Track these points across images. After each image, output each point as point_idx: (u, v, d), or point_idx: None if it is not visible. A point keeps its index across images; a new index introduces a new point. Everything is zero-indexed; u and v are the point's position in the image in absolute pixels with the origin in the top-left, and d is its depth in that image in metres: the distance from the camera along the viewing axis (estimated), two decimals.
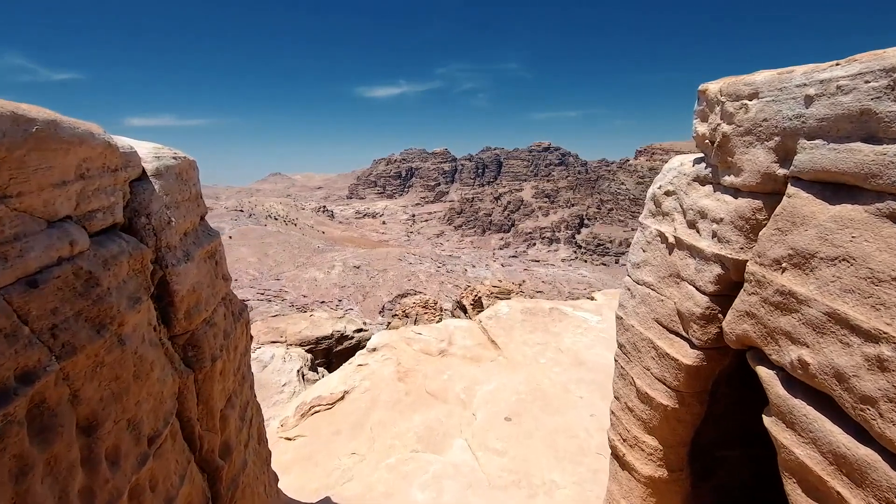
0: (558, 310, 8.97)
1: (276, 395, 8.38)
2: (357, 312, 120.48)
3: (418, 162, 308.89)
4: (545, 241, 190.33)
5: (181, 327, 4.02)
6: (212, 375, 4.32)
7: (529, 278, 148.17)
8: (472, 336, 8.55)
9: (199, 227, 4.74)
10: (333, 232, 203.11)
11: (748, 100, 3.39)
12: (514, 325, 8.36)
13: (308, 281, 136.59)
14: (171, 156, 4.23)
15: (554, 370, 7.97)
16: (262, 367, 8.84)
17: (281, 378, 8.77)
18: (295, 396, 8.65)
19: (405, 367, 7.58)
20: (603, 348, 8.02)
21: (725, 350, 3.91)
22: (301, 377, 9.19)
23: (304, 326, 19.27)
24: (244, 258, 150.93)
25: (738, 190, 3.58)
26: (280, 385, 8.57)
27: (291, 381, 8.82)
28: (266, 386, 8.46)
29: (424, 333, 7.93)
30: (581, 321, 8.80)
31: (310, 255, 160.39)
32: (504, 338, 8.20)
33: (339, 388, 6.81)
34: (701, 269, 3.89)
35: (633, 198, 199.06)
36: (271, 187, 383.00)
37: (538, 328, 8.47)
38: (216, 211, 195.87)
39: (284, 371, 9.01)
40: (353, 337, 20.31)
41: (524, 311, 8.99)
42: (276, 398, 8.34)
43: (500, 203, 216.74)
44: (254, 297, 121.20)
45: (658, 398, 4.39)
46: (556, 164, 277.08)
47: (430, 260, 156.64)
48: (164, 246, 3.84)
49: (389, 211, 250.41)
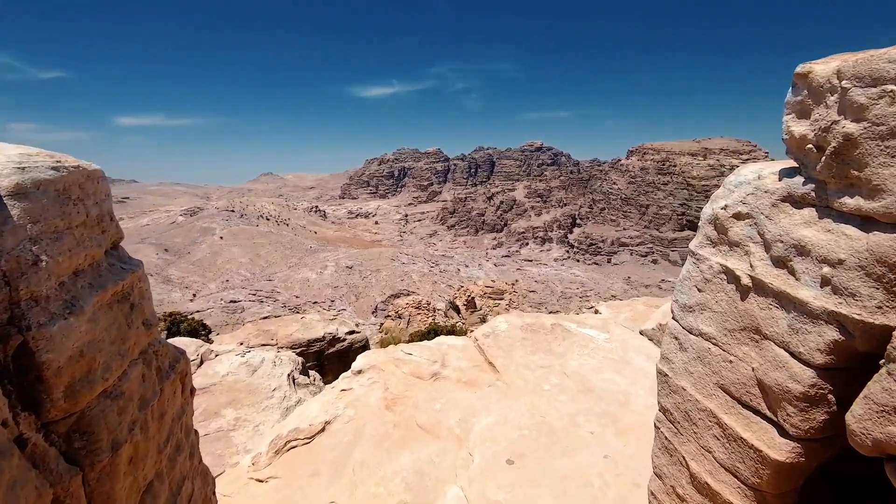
0: (561, 326, 7.90)
1: (266, 401, 7.40)
2: (350, 313, 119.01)
3: (411, 162, 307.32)
4: (538, 241, 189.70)
5: (59, 410, 2.81)
6: (113, 470, 3.10)
7: (522, 278, 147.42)
8: (468, 356, 7.41)
9: (102, 261, 3.50)
10: (326, 232, 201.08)
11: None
12: (513, 344, 7.38)
13: (300, 281, 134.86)
14: (50, 165, 2.99)
15: (559, 399, 6.97)
16: (252, 372, 7.89)
17: (271, 382, 7.82)
18: (285, 401, 7.70)
19: (393, 393, 6.51)
20: (612, 372, 7.08)
21: (833, 439, 2.76)
22: (292, 381, 8.28)
23: (295, 329, 18.34)
24: (235, 259, 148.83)
25: (870, 220, 2.41)
26: (270, 390, 7.61)
27: (282, 385, 7.88)
28: (256, 391, 7.47)
29: (415, 354, 6.94)
30: (587, 340, 7.66)
31: (302, 256, 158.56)
32: (503, 359, 7.13)
33: (320, 417, 5.90)
34: (801, 328, 2.72)
35: (624, 197, 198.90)
36: (263, 187, 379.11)
37: (540, 348, 7.36)
38: (207, 211, 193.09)
39: (275, 375, 8.06)
40: (345, 339, 19.35)
41: (524, 328, 7.80)
42: (266, 403, 7.38)
43: (493, 203, 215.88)
44: (245, 297, 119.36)
45: (725, 494, 3.22)
46: (549, 163, 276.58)
47: (422, 260, 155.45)
48: (26, 298, 2.62)
49: (382, 211, 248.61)
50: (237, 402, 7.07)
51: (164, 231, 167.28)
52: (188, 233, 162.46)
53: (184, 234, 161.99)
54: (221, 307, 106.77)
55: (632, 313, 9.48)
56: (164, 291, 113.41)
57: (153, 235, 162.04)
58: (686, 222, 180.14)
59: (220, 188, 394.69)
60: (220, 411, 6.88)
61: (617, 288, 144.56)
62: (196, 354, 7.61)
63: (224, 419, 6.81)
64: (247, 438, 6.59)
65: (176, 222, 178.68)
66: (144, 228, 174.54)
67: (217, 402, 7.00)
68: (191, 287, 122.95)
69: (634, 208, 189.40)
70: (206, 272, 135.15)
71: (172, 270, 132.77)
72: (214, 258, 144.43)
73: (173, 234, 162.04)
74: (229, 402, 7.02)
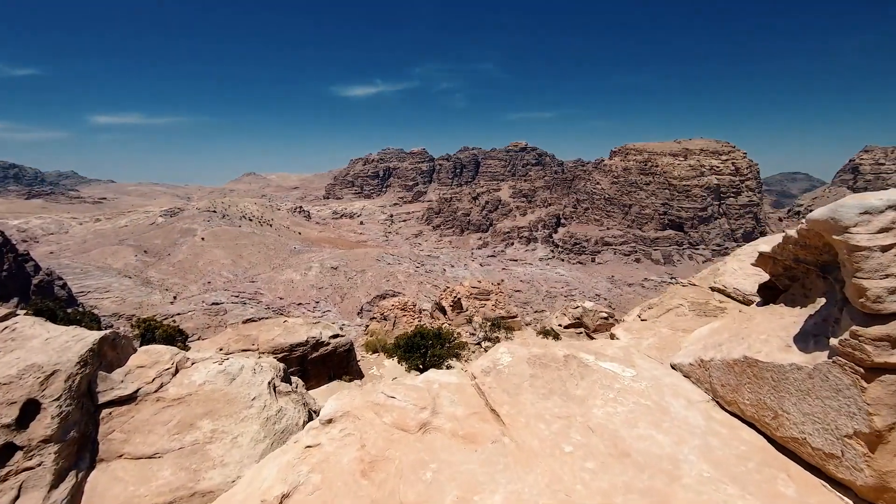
0: (576, 359, 6.45)
1: (245, 411, 7.08)
2: (335, 314, 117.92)
3: (396, 162, 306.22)
4: (523, 241, 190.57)
5: None
6: None
7: (508, 277, 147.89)
8: (464, 399, 6.00)
9: None
10: (310, 233, 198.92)
11: None
12: (520, 385, 5.99)
13: (284, 282, 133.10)
14: None
15: (586, 467, 5.17)
16: (231, 380, 7.52)
17: (251, 391, 7.45)
18: (266, 410, 7.35)
19: (371, 451, 5.22)
20: (649, 426, 5.42)
21: None
22: (272, 389, 7.93)
23: (277, 333, 17.88)
24: (217, 260, 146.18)
25: None
26: (250, 399, 7.27)
27: (262, 394, 7.52)
28: (234, 400, 7.12)
29: (399, 397, 5.78)
30: (610, 377, 6.14)
31: (286, 257, 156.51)
32: (509, 406, 5.71)
33: (276, 488, 4.54)
34: None
35: (608, 197, 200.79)
36: (246, 187, 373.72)
37: (554, 389, 5.96)
38: (188, 212, 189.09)
39: (254, 384, 7.68)
40: (328, 343, 18.98)
41: (532, 362, 6.36)
42: (245, 413, 7.06)
43: (478, 203, 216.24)
44: (228, 299, 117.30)
45: None
46: (533, 164, 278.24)
47: (408, 260, 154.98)
48: None
49: (367, 211, 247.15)
50: (214, 413, 6.78)
51: (143, 232, 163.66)
52: (168, 234, 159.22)
53: (164, 235, 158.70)
54: (203, 309, 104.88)
55: (656, 339, 8.07)
56: (144, 294, 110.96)
57: (132, 237, 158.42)
58: (668, 222, 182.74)
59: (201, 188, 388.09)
60: (195, 423, 6.59)
61: (601, 287, 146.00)
62: (171, 363, 7.28)
63: (200, 431, 6.52)
64: (224, 451, 6.32)
65: (156, 223, 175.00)
66: (123, 230, 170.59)
67: (193, 413, 6.71)
68: (171, 289, 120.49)
69: (618, 208, 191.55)
70: (188, 274, 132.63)
71: (152, 272, 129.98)
72: (196, 260, 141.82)
73: (153, 236, 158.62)
74: (206, 413, 6.73)
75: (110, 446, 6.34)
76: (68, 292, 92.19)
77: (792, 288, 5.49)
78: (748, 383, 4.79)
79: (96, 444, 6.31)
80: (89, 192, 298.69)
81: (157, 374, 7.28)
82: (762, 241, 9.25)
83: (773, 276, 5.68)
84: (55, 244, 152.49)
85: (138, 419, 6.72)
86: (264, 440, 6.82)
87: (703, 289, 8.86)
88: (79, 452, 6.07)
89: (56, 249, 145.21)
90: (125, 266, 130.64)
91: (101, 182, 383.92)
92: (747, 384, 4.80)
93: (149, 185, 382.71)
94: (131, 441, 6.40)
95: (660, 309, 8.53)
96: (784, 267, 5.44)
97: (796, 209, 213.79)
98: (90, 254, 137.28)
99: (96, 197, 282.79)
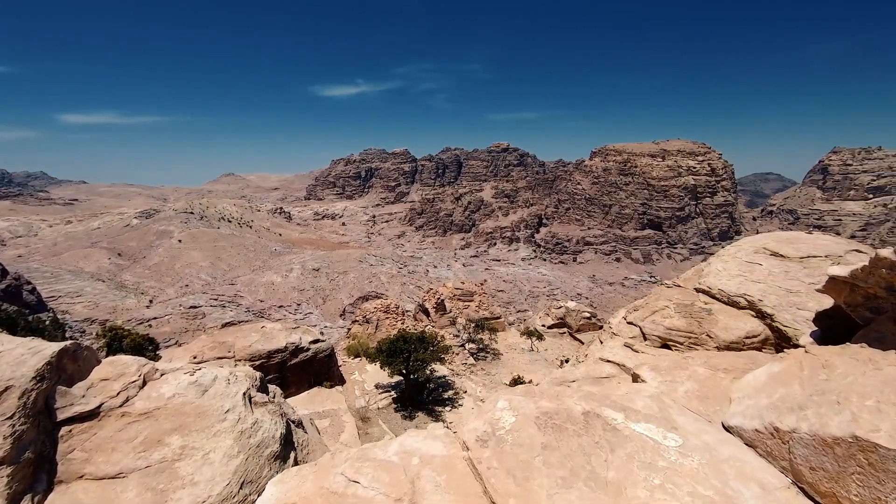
0: (600, 418, 4.89)
1: (218, 424, 6.63)
2: (317, 316, 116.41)
3: (378, 162, 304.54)
4: (505, 241, 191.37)
5: None
6: None
7: (491, 277, 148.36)
8: (455, 483, 4.36)
9: None
10: (291, 234, 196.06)
11: None
12: (530, 463, 4.24)
13: (265, 285, 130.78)
14: None
15: None
16: (203, 392, 7.05)
17: (224, 403, 6.99)
18: (240, 423, 6.93)
19: None
20: None
21: None
22: (248, 401, 7.49)
23: (254, 339, 17.32)
24: (195, 262, 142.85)
25: None
26: (223, 412, 6.81)
27: (236, 406, 7.08)
28: (206, 414, 6.66)
29: (364, 482, 4.23)
30: (649, 448, 4.50)
31: (266, 259, 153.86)
32: (517, 499, 4.05)
33: None
34: None
35: (588, 197, 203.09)
36: (224, 188, 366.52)
37: (577, 469, 4.18)
38: (164, 213, 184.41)
39: (228, 395, 7.22)
40: (308, 349, 18.52)
41: (542, 423, 4.61)
42: (218, 427, 6.60)
43: (461, 203, 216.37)
44: (206, 302, 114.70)
45: None
46: (515, 164, 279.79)
47: (391, 261, 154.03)
48: None
49: (349, 212, 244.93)
50: (184, 428, 6.39)
51: (117, 234, 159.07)
52: (144, 236, 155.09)
53: (139, 237, 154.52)
54: (181, 313, 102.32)
55: (694, 384, 6.36)
56: (118, 298, 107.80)
57: (105, 239, 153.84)
58: (647, 221, 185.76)
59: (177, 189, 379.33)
60: (163, 439, 6.21)
61: (582, 286, 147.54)
62: (138, 374, 6.87)
63: (168, 448, 6.14)
64: (194, 469, 5.94)
65: (130, 225, 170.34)
66: (95, 232, 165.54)
67: (161, 429, 6.32)
68: (147, 293, 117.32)
69: (598, 208, 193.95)
70: (164, 277, 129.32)
71: (126, 275, 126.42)
72: (172, 262, 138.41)
73: (127, 238, 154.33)
74: (175, 428, 6.35)
75: (70, 466, 5.93)
76: (38, 297, 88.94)
77: (877, 323, 4.38)
78: (858, 474, 3.46)
79: (55, 464, 5.90)
80: (60, 194, 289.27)
81: (122, 388, 6.86)
82: (747, 240, 9.32)
83: (847, 305, 4.65)
84: (24, 247, 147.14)
85: (101, 436, 6.30)
86: (238, 455, 6.47)
87: (688, 290, 8.83)
88: (35, 474, 5.65)
89: (25, 253, 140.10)
90: (98, 269, 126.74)
91: (72, 183, 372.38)
92: (856, 475, 3.47)
93: (123, 185, 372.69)
94: (93, 460, 5.99)
95: (646, 311, 8.47)
96: (866, 296, 4.40)
97: (769, 209, 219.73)
98: (61, 257, 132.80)
99: (67, 198, 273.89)
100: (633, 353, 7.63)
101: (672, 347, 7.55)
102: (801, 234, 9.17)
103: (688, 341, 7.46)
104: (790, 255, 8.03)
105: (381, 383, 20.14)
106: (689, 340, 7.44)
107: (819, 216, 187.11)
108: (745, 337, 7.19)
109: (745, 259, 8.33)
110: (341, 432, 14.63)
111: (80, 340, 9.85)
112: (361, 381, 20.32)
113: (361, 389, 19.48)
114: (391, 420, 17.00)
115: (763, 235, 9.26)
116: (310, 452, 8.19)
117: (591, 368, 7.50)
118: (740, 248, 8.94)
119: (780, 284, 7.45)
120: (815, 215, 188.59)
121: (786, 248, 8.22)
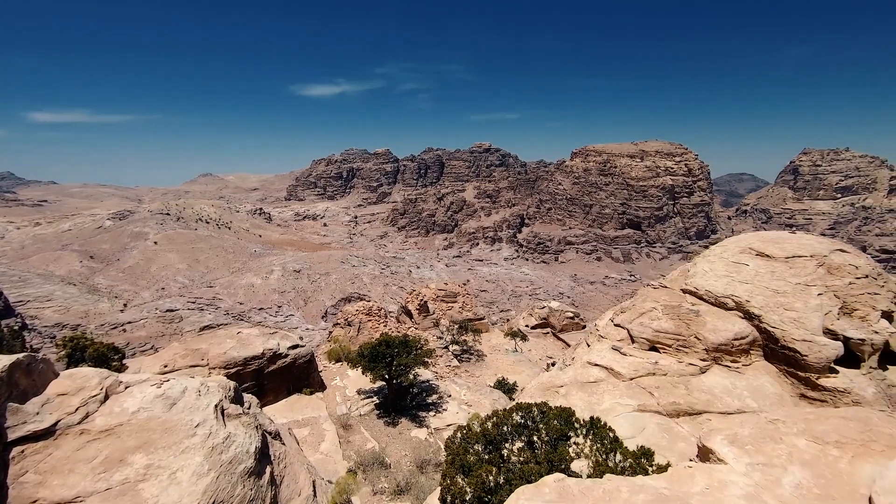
0: None
1: (187, 440, 6.14)
2: (299, 318, 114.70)
3: (359, 162, 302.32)
4: (488, 241, 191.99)
5: None
6: None
7: (474, 278, 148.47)
8: None
9: None
10: (271, 235, 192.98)
11: None
12: None
13: (244, 287, 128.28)
14: None
15: None
16: (170, 405, 6.57)
17: (194, 417, 6.51)
18: (211, 438, 6.46)
19: None
20: None
21: None
22: (220, 413, 7.01)
23: (229, 346, 16.65)
24: (172, 265, 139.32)
25: None
26: (192, 426, 6.33)
27: (207, 419, 6.60)
28: (174, 429, 6.19)
29: None
30: None
31: (246, 260, 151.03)
32: None
33: None
34: None
35: (569, 198, 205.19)
36: (202, 189, 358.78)
37: None
38: (139, 214, 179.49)
39: (199, 408, 6.74)
40: (287, 355, 17.96)
41: None
42: (187, 444, 6.10)
43: (443, 203, 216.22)
44: (184, 306, 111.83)
45: None
46: (497, 164, 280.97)
47: (373, 262, 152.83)
48: None
49: (331, 212, 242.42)
50: (150, 445, 5.96)
51: (89, 236, 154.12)
52: (117, 238, 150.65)
53: (112, 239, 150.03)
54: (157, 317, 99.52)
55: (803, 471, 4.73)
56: (90, 302, 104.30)
57: (76, 241, 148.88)
58: (626, 221, 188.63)
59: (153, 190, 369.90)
60: (126, 458, 5.77)
61: (564, 285, 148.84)
62: (99, 388, 6.41)
63: (132, 468, 5.71)
64: (160, 490, 5.52)
65: (103, 227, 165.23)
66: (66, 234, 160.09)
67: (124, 447, 5.88)
68: (121, 296, 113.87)
69: (579, 208, 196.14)
70: (139, 280, 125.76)
71: (100, 279, 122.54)
72: (148, 265, 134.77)
73: (100, 240, 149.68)
74: (139, 446, 5.91)
75: (22, 491, 5.45)
76: (5, 302, 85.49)
77: None
78: None
79: (5, 488, 5.41)
80: (28, 195, 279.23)
81: (81, 403, 6.37)
82: (732, 240, 9.26)
83: None
84: None
85: (57, 457, 5.83)
86: (208, 473, 6.06)
87: (675, 291, 8.70)
88: None
89: None
90: (69, 272, 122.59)
91: (41, 183, 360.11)
92: None
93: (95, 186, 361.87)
94: (48, 483, 5.52)
95: (633, 313, 8.31)
96: None
97: (743, 208, 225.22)
98: (29, 260, 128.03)
99: (36, 199, 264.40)
100: (622, 356, 7.44)
101: (661, 350, 7.40)
102: (784, 234, 9.15)
103: (676, 343, 7.31)
104: (776, 255, 7.98)
105: (364, 389, 19.70)
106: (678, 343, 7.30)
107: (790, 215, 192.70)
108: (734, 339, 7.08)
109: (732, 259, 8.25)
110: (322, 441, 14.19)
111: (42, 350, 9.19)
112: (343, 387, 19.85)
113: (343, 395, 19.02)
114: (374, 427, 16.59)
115: (748, 235, 9.20)
116: (287, 465, 7.81)
117: (579, 373, 7.28)
118: (726, 249, 8.86)
119: (767, 285, 7.38)
120: (787, 214, 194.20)
121: (771, 248, 8.17)
